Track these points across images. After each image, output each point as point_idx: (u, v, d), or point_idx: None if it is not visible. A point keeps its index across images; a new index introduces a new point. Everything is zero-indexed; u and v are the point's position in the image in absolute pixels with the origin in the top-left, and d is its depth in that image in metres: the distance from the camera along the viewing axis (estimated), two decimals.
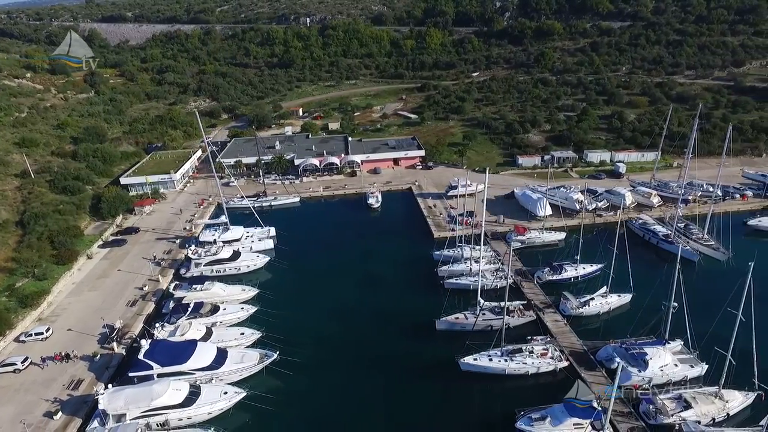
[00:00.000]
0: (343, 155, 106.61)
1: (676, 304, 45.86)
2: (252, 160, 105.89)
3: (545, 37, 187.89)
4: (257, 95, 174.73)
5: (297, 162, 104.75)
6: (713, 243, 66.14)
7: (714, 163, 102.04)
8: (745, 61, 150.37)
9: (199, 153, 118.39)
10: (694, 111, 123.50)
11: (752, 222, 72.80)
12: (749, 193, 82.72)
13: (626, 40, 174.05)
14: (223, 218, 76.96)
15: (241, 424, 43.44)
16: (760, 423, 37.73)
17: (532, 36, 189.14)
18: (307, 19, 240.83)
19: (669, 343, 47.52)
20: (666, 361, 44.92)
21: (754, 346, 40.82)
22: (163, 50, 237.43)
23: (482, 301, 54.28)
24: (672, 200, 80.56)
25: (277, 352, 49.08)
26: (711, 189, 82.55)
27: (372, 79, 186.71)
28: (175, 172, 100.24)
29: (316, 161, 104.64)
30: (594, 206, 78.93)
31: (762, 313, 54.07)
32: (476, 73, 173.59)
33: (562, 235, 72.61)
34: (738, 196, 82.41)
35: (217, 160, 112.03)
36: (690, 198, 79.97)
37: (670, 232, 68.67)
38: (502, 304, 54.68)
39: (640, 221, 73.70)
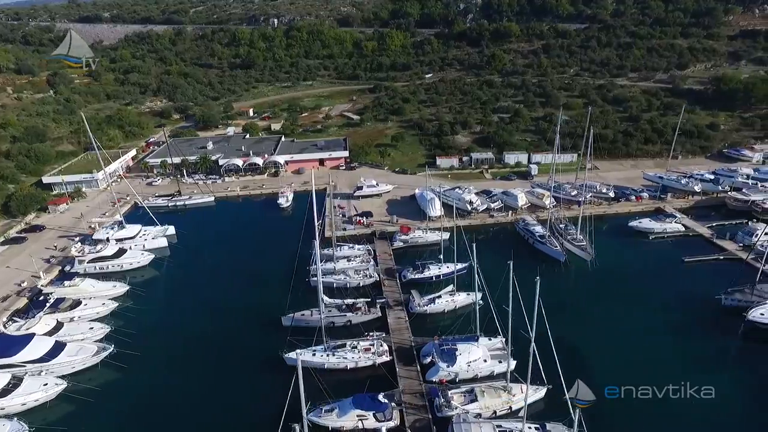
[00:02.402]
0: (266, 155, 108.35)
1: (481, 302, 47.49)
2: (177, 160, 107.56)
3: (503, 39, 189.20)
4: (213, 96, 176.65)
5: (221, 162, 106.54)
6: (583, 243, 67.53)
7: (628, 164, 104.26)
8: (690, 64, 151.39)
9: (133, 152, 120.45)
10: (626, 113, 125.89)
11: (633, 224, 74.12)
12: (645, 194, 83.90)
13: (578, 43, 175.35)
14: (117, 216, 78.78)
15: (60, 415, 44.93)
16: (519, 414, 39.20)
17: (489, 38, 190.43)
18: (275, 20, 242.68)
19: (490, 339, 49.04)
20: (475, 356, 46.39)
21: (552, 342, 42.01)
22: (134, 50, 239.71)
23: (326, 298, 55.78)
24: (567, 201, 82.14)
25: (113, 345, 50.85)
26: (604, 191, 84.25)
27: (329, 80, 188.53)
28: (98, 172, 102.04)
29: (239, 161, 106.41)
30: (486, 207, 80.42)
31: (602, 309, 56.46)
32: (429, 75, 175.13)
33: (445, 236, 73.93)
34: (633, 197, 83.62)
35: (144, 159, 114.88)
36: (581, 199, 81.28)
37: (545, 232, 70.09)
38: (347, 301, 56.90)
39: (523, 222, 75.10)
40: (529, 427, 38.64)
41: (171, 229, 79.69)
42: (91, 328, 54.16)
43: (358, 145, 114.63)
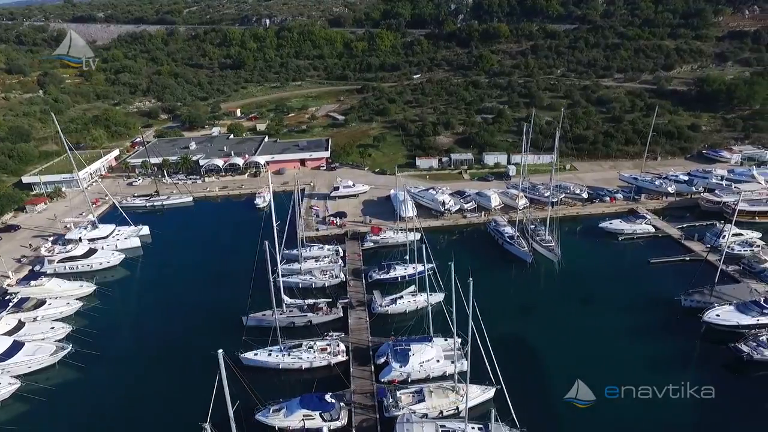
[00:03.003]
0: (247, 156, 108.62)
1: (433, 304, 47.78)
2: (158, 160, 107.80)
3: (492, 39, 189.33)
4: (202, 96, 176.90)
5: (202, 162, 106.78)
6: (551, 244, 67.56)
7: (607, 165, 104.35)
8: (676, 65, 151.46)
9: (116, 152, 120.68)
10: (609, 114, 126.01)
11: (603, 224, 74.18)
12: (619, 195, 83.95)
13: (566, 43, 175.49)
14: (90, 217, 79.08)
15: (13, 415, 45.11)
16: (461, 414, 39.39)
17: (478, 39, 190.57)
18: (267, 20, 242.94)
19: (446, 339, 49.25)
20: (428, 357, 46.57)
21: (488, 343, 42.20)
22: (126, 50, 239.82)
23: (287, 299, 56.09)
24: (540, 202, 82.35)
25: (71, 345, 51.10)
26: (578, 191, 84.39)
27: (318, 80, 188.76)
28: (79, 171, 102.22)
29: (219, 162, 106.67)
30: (459, 208, 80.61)
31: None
32: (417, 75, 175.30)
33: (417, 236, 74.26)
34: (607, 198, 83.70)
35: (125, 159, 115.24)
36: (554, 200, 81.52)
37: (514, 233, 70.17)
38: (308, 301, 57.14)
39: (494, 223, 75.21)
40: (473, 428, 38.83)
41: (145, 230, 79.89)
42: (53, 327, 54.35)
43: (339, 146, 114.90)
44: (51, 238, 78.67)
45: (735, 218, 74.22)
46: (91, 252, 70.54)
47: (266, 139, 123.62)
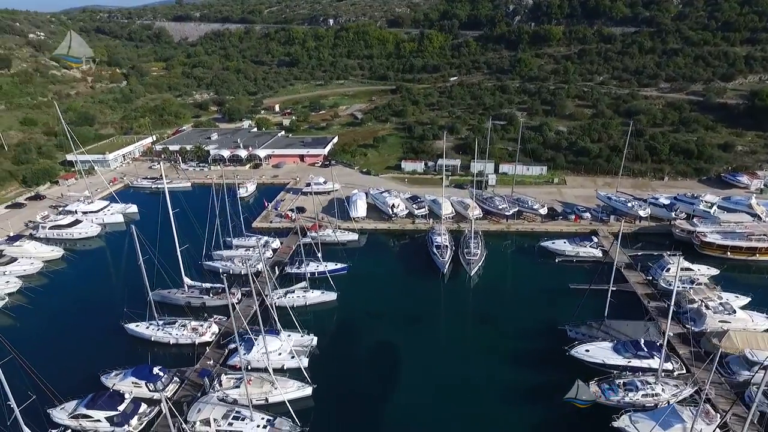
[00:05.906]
0: (250, 148, 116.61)
1: (324, 301, 50.38)
2: (176, 147, 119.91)
3: (541, 42, 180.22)
4: (253, 91, 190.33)
5: (212, 152, 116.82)
6: (474, 258, 65.47)
7: (602, 182, 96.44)
8: (739, 75, 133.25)
9: (152, 138, 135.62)
10: (631, 127, 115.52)
11: (545, 243, 69.93)
12: (587, 215, 77.87)
13: (619, 48, 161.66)
14: (86, 192, 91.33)
15: None
16: (269, 404, 41.82)
17: (528, 41, 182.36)
18: (331, 20, 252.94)
19: (302, 336, 51.57)
20: (271, 349, 48.95)
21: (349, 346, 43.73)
22: (207, 47, 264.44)
23: (188, 280, 61.39)
24: (494, 215, 79.58)
25: (7, 297, 60.98)
26: (536, 207, 79.94)
27: (360, 80, 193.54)
28: (110, 153, 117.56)
29: (226, 152, 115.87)
30: (408, 212, 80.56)
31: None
32: (455, 78, 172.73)
33: (354, 236, 76.28)
34: (572, 216, 78.17)
35: (152, 146, 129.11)
36: (508, 214, 78.20)
37: (442, 243, 68.91)
38: (205, 285, 62.03)
39: (433, 231, 74.22)
40: (262, 418, 40.98)
41: (133, 208, 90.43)
42: (8, 282, 64.78)
43: (342, 144, 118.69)
44: (59, 208, 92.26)
45: (704, 251, 66.95)
46: (75, 222, 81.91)
47: (281, 133, 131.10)
